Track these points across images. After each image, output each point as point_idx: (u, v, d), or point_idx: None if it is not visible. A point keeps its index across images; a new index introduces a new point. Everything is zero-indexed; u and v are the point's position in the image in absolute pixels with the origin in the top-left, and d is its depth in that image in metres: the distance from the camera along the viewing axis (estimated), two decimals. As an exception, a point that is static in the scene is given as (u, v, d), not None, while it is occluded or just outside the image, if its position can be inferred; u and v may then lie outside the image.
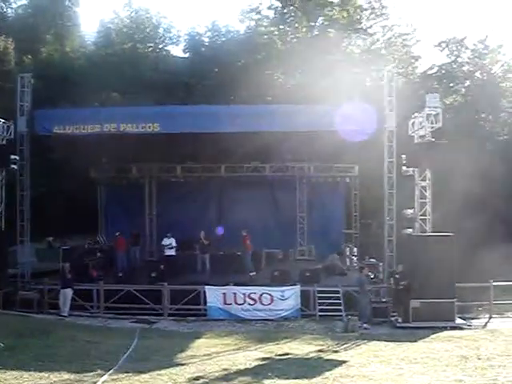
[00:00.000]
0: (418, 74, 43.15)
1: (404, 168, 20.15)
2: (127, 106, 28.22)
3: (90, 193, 31.40)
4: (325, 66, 39.65)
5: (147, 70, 41.92)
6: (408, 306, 18.17)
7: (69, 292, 19.94)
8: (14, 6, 50.04)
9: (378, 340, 14.21)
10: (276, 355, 11.77)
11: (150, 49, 48.55)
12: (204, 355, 11.43)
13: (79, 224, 32.17)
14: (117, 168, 29.35)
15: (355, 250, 26.63)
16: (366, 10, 44.97)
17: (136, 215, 29.15)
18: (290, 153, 27.64)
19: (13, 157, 21.05)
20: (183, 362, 11.04)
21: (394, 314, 19.05)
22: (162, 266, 23.82)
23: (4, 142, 21.35)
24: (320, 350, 12.46)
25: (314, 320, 19.05)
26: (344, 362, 11.57)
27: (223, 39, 46.39)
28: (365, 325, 17.67)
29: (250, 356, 11.42)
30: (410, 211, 19.99)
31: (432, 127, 19.21)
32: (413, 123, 20.53)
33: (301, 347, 12.66)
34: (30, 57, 42.94)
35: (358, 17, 44.71)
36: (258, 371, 10.52)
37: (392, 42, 44.97)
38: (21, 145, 21.91)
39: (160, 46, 49.62)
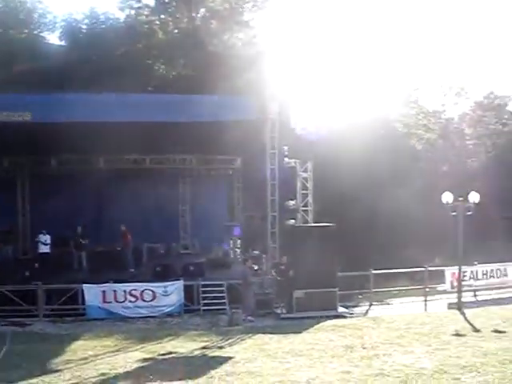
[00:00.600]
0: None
1: (286, 160, 20.20)
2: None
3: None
4: (206, 58, 39.32)
5: (21, 56, 39.47)
6: (291, 296, 18.25)
7: None
8: None
9: (263, 332, 14.00)
10: (159, 355, 11.20)
11: (24, 35, 45.80)
12: (81, 359, 10.59)
13: None
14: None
15: (238, 242, 26.47)
16: (247, 2, 45.02)
17: (8, 211, 27.26)
18: (171, 144, 26.98)
19: None
20: (58, 369, 10.17)
21: (278, 305, 19.06)
22: (36, 265, 22.48)
23: None
24: (204, 347, 12.04)
25: (198, 315, 18.71)
26: (229, 358, 11.23)
27: (102, 27, 44.69)
28: (249, 317, 17.53)
29: (130, 357, 10.76)
30: (292, 202, 20.09)
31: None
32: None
33: (185, 345, 12.16)
34: None
35: (240, 9, 44.63)
36: (140, 374, 9.92)
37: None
38: None
39: (35, 32, 46.98)
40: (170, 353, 11.48)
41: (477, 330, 14.16)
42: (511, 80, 78.76)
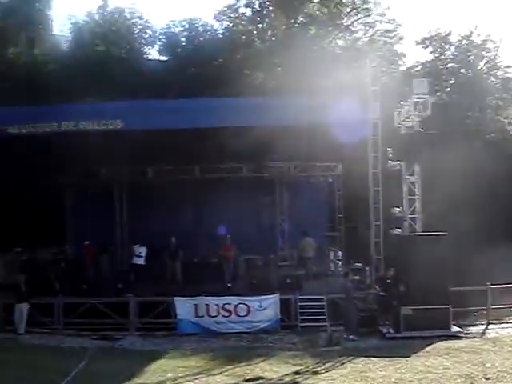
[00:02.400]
0: (401, 72, 41.64)
1: (390, 162, 18.45)
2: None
3: (58, 199, 29.34)
4: (305, 64, 38.10)
5: (121, 72, 40.05)
6: (398, 313, 16.43)
7: (24, 307, 17.98)
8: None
9: (366, 355, 12.22)
10: (244, 380, 9.80)
11: (124, 50, 46.74)
12: (157, 383, 9.42)
13: (49, 233, 30.23)
14: (84, 172, 27.37)
15: (340, 253, 24.76)
16: (346, 6, 43.45)
17: (105, 222, 27.20)
18: (268, 151, 25.89)
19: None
20: None
21: (383, 323, 17.24)
22: (132, 277, 22.01)
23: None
24: (297, 372, 10.49)
25: (295, 332, 17.29)
26: None
27: (200, 39, 44.72)
28: (351, 336, 15.87)
29: (211, 382, 9.48)
30: (397, 210, 18.29)
31: (420, 116, 17.51)
32: (399, 113, 18.85)
33: (275, 368, 10.69)
34: (-5, 60, 41.03)
35: (339, 13, 43.11)
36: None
37: (374, 39, 43.50)
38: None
39: (134, 47, 47.83)
40: (258, 378, 10.01)
41: None
42: None
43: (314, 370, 10.66)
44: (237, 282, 21.84)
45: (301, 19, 43.36)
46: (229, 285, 20.98)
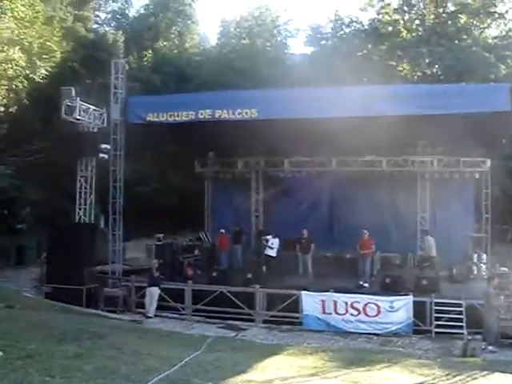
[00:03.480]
0: None
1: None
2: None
3: (199, 188, 30.10)
4: (452, 54, 35.91)
5: (265, 64, 40.33)
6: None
7: (155, 291, 18.40)
8: (136, 6, 51.31)
9: (504, 371, 10.82)
10: None
11: (269, 43, 47.14)
12: (264, 382, 8.87)
13: (189, 220, 31.18)
14: (222, 162, 27.76)
15: (484, 256, 22.78)
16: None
17: (242, 211, 27.41)
18: (411, 144, 24.55)
19: (103, 146, 19.94)
20: None
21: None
22: (264, 268, 21.83)
23: (96, 130, 20.37)
24: None
25: (428, 337, 16.02)
26: None
27: (346, 30, 43.88)
28: (490, 347, 14.34)
29: None
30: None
31: None
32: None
33: (397, 377, 9.71)
34: (150, 52, 43.17)
35: (493, 1, 40.01)
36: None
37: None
38: (114, 133, 20.79)
39: (279, 40, 48.08)
40: None
41: None
42: None
43: (441, 383, 9.54)
44: (370, 279, 20.83)
45: (451, 8, 40.94)
46: (366, 284, 20.00)
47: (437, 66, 37.66)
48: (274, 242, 22.22)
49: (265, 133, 21.55)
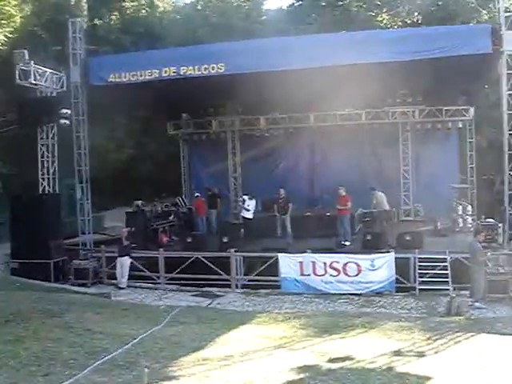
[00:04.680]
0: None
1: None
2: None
3: (175, 152, 28.94)
4: (434, 1, 34.52)
5: (239, 21, 38.77)
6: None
7: (125, 260, 17.45)
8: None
9: (491, 331, 9.94)
10: (328, 361, 7.87)
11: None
12: (221, 359, 7.88)
13: (169, 186, 30.09)
14: (195, 123, 26.59)
15: (469, 208, 21.93)
16: None
17: (219, 174, 26.40)
18: (390, 93, 23.43)
19: (64, 111, 18.68)
20: (175, 375, 7.27)
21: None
22: (241, 231, 20.95)
23: (54, 95, 19.10)
24: (397, 352, 8.41)
25: (412, 295, 15.23)
26: (427, 379, 7.19)
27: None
28: (477, 303, 13.59)
29: (285, 362, 7.70)
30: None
31: None
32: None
33: (373, 344, 8.80)
34: (116, 13, 41.29)
35: None
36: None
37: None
38: (75, 97, 19.53)
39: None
40: (346, 358, 7.99)
41: None
42: None
43: (420, 349, 8.51)
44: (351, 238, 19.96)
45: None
46: (347, 243, 19.08)
47: (416, 14, 36.20)
48: (250, 204, 21.36)
49: (237, 90, 20.43)
